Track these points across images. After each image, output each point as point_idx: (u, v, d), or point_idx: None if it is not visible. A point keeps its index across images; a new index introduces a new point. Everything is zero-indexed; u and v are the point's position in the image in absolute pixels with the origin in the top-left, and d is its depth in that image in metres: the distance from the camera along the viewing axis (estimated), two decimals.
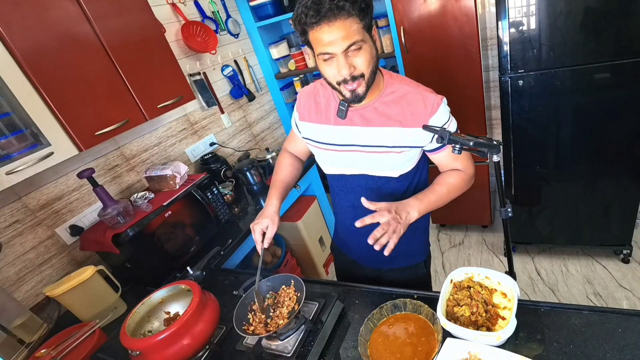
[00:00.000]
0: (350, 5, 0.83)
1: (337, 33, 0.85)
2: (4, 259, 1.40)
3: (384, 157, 1.04)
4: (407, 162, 1.05)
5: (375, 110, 1.02)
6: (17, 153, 1.15)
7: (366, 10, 0.87)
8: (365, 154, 1.06)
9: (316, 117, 1.12)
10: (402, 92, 1.01)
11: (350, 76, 0.91)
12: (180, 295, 1.13)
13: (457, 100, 2.20)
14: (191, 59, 2.16)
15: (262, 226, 1.13)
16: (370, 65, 0.92)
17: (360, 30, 0.87)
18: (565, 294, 2.10)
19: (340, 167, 1.13)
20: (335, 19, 0.83)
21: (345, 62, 0.89)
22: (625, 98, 1.69)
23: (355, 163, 1.09)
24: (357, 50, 0.88)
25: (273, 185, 1.25)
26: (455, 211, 2.70)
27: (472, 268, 0.99)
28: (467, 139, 0.86)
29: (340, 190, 1.18)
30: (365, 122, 1.03)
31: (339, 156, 1.10)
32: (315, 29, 0.86)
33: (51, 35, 1.22)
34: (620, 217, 2.01)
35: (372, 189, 1.10)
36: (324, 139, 1.11)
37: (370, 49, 0.91)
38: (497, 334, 0.81)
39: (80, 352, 1.13)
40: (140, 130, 1.89)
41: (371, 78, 0.94)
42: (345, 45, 0.86)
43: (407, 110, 0.99)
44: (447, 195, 1.07)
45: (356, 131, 1.04)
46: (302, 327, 0.98)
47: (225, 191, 2.03)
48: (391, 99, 1.01)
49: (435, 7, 1.97)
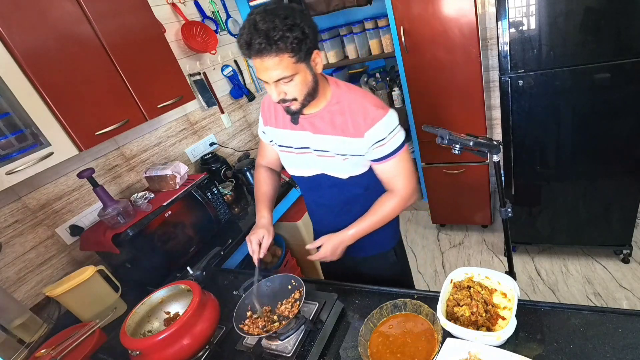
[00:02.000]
0: (281, 45, 0.87)
1: (267, 67, 0.90)
2: (4, 259, 1.40)
3: (332, 161, 1.11)
4: (353, 167, 1.11)
5: (322, 119, 1.08)
6: (17, 153, 1.15)
7: (300, 45, 0.89)
8: (318, 157, 1.13)
9: (276, 122, 1.19)
10: (346, 102, 1.05)
11: (282, 100, 0.99)
12: (180, 295, 1.13)
13: (457, 100, 2.20)
14: (191, 59, 2.16)
15: (259, 237, 1.19)
16: (303, 91, 0.98)
17: (290, 65, 0.91)
18: (565, 294, 2.10)
19: (299, 168, 1.21)
20: (264, 56, 0.88)
21: (276, 89, 0.96)
22: (625, 98, 1.69)
23: (311, 164, 1.17)
24: (288, 81, 0.94)
25: (258, 200, 1.31)
26: (455, 211, 2.70)
27: (472, 268, 0.99)
28: (467, 139, 0.86)
29: (306, 189, 1.28)
30: (314, 129, 1.10)
31: (297, 158, 1.18)
32: (252, 58, 0.91)
33: (51, 35, 1.22)
34: (620, 217, 2.01)
35: (331, 186, 1.18)
36: (284, 142, 1.19)
37: (304, 77, 0.96)
38: (497, 334, 0.81)
39: (80, 352, 1.13)
40: (140, 130, 1.89)
41: (306, 99, 1.00)
42: (275, 78, 0.92)
43: (349, 120, 1.04)
44: (381, 221, 1.16)
45: (307, 136, 1.12)
46: (302, 327, 0.98)
47: (225, 191, 2.03)
48: (337, 108, 1.06)
49: (435, 7, 1.97)
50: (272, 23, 0.85)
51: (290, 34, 0.86)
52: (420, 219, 3.08)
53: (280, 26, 0.85)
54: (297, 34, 0.87)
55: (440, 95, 2.24)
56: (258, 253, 1.17)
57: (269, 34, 0.85)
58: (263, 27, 0.85)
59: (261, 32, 0.85)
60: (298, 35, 0.88)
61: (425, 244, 2.80)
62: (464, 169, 2.43)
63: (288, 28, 0.86)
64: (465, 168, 2.43)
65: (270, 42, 0.85)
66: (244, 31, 0.88)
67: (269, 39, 0.85)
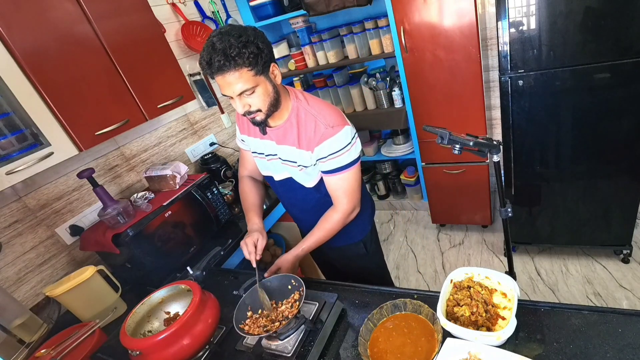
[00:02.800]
0: (238, 61, 0.95)
1: (229, 82, 0.99)
2: (4, 259, 1.40)
3: (294, 170, 1.23)
4: (311, 176, 1.22)
5: (283, 131, 1.18)
6: (17, 153, 1.15)
7: (256, 59, 0.98)
8: (282, 164, 1.25)
9: (248, 131, 1.31)
10: (303, 116, 1.14)
11: (247, 112, 1.07)
12: (180, 295, 1.13)
13: (457, 100, 2.20)
14: (191, 59, 2.16)
15: (254, 239, 1.26)
16: (265, 102, 1.06)
17: (250, 78, 1.00)
18: (565, 294, 2.10)
19: (270, 171, 1.33)
20: (225, 72, 0.97)
21: (240, 102, 1.05)
22: (625, 98, 1.69)
23: (279, 169, 1.28)
24: (250, 94, 1.03)
25: (247, 210, 1.41)
26: (455, 211, 2.70)
27: (472, 268, 0.99)
28: (467, 139, 0.86)
29: (279, 191, 1.40)
30: (277, 140, 1.20)
31: (267, 163, 1.30)
32: (215, 76, 1.00)
33: (51, 36, 1.22)
34: (620, 217, 2.01)
35: (297, 189, 1.29)
36: (257, 149, 1.31)
37: (265, 88, 1.04)
38: (497, 334, 0.81)
39: (80, 352, 1.13)
40: (140, 130, 1.89)
41: (270, 110, 1.09)
42: (238, 91, 1.01)
43: (303, 134, 1.14)
44: (327, 235, 1.28)
45: (273, 145, 1.23)
46: (302, 327, 0.98)
47: (225, 191, 2.03)
48: (294, 122, 1.15)
49: (435, 7, 1.97)
50: (228, 42, 0.94)
51: (245, 50, 0.95)
52: (420, 219, 3.08)
53: (236, 44, 0.94)
54: (252, 49, 0.96)
55: (440, 95, 2.24)
56: (255, 254, 1.22)
57: (226, 51, 0.94)
58: (220, 46, 0.94)
59: (219, 51, 0.94)
60: (253, 50, 0.96)
61: (425, 244, 2.80)
62: (464, 169, 2.43)
63: (243, 45, 0.95)
64: (465, 168, 2.43)
65: (228, 58, 0.94)
66: (203, 53, 0.97)
67: (227, 56, 0.94)
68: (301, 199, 1.34)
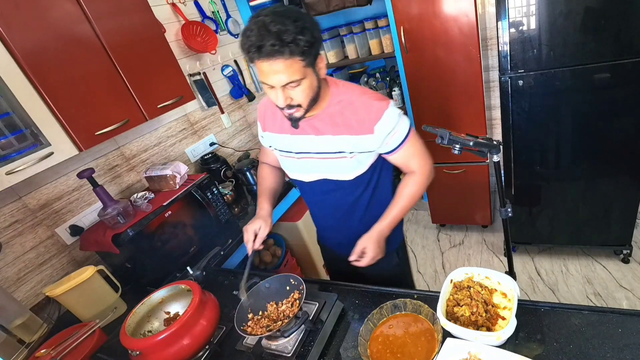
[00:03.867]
0: (293, 48, 0.85)
1: (276, 70, 0.88)
2: (4, 259, 1.40)
3: (337, 162, 1.10)
4: (359, 165, 1.10)
5: (323, 120, 1.06)
6: (17, 153, 1.15)
7: (309, 50, 0.88)
8: (319, 160, 1.12)
9: (274, 127, 1.18)
10: (347, 101, 1.04)
11: (287, 106, 0.96)
12: (180, 295, 1.13)
13: (457, 100, 2.20)
14: (191, 59, 2.16)
15: (255, 227, 1.19)
16: (308, 96, 0.96)
17: (300, 69, 0.89)
18: (565, 294, 2.10)
19: (299, 173, 1.20)
20: (275, 59, 0.86)
21: (283, 94, 0.93)
22: (625, 98, 1.69)
23: (312, 169, 1.15)
24: (295, 86, 0.92)
25: (261, 194, 1.32)
26: (455, 211, 2.70)
27: (472, 268, 0.99)
28: (467, 139, 0.86)
29: (306, 192, 1.26)
30: (316, 131, 1.08)
31: (297, 163, 1.17)
32: (257, 61, 0.88)
33: (51, 35, 1.22)
34: (620, 217, 2.01)
35: (331, 191, 1.17)
36: (283, 147, 1.18)
37: (311, 82, 0.94)
38: (497, 334, 0.81)
39: (80, 352, 1.13)
40: (140, 130, 1.89)
41: (310, 105, 0.99)
42: (283, 82, 0.90)
43: (353, 118, 1.03)
44: (411, 203, 1.16)
45: (309, 139, 1.10)
46: (302, 327, 0.98)
47: (225, 191, 2.03)
48: (338, 108, 1.05)
49: (435, 7, 1.97)
50: (284, 25, 0.83)
51: (302, 37, 0.85)
52: (420, 219, 3.08)
53: (292, 29, 0.83)
54: (307, 37, 0.86)
55: (440, 95, 2.24)
56: (253, 243, 1.18)
57: (281, 36, 0.83)
58: (274, 28, 0.83)
59: (273, 33, 0.82)
60: (309, 38, 0.86)
61: (425, 244, 2.80)
62: (464, 169, 2.43)
63: (299, 31, 0.84)
64: (465, 168, 2.43)
65: (283, 44, 0.83)
66: (251, 33, 0.85)
67: (282, 41, 0.83)
68: (334, 201, 1.20)
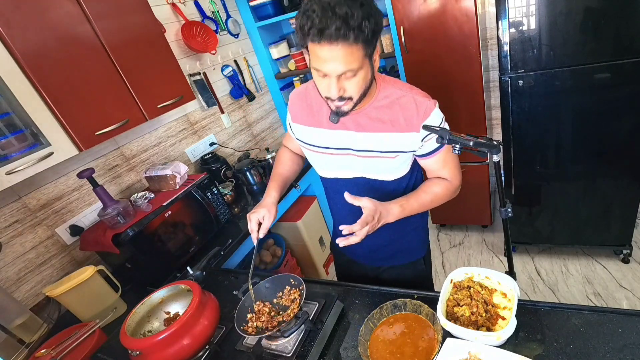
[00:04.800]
0: (358, 33, 0.78)
1: (336, 57, 0.81)
2: (4, 259, 1.40)
3: (379, 162, 1.03)
4: (401, 166, 1.05)
5: (368, 116, 1.00)
6: (17, 153, 1.15)
7: (372, 40, 0.82)
8: (360, 158, 1.04)
9: (308, 120, 1.10)
10: (395, 96, 0.99)
11: (338, 97, 0.89)
12: (180, 295, 1.13)
13: (457, 100, 2.20)
14: (191, 59, 2.16)
15: (259, 216, 1.12)
16: (361, 89, 0.90)
17: (359, 59, 0.83)
18: (565, 294, 2.10)
19: (334, 170, 1.12)
20: (337, 43, 0.79)
21: (337, 84, 0.86)
22: (625, 98, 1.69)
23: (350, 166, 1.08)
24: (351, 76, 0.86)
25: (272, 178, 1.25)
26: (455, 211, 2.70)
27: (472, 268, 0.99)
28: (467, 139, 0.86)
29: (336, 192, 1.15)
30: (358, 127, 1.01)
31: (333, 159, 1.09)
32: (315, 44, 0.81)
33: (51, 36, 1.22)
34: (620, 217, 2.01)
35: (368, 190, 1.09)
36: (317, 142, 1.09)
37: (366, 74, 0.88)
38: (497, 334, 0.81)
39: (80, 352, 1.13)
40: (140, 130, 1.89)
41: (360, 98, 0.92)
42: (341, 70, 0.83)
43: (400, 114, 0.97)
44: (430, 204, 1.06)
45: (350, 136, 1.03)
46: (302, 327, 0.98)
47: (225, 191, 2.03)
48: (384, 103, 0.99)
49: (435, 7, 1.97)
50: (351, 9, 0.76)
51: (368, 23, 0.78)
52: None
53: (360, 13, 0.76)
54: (372, 25, 0.79)
55: (440, 95, 2.20)
56: (257, 232, 1.12)
57: (348, 20, 0.76)
58: (341, 11, 0.75)
59: (339, 16, 0.75)
60: (374, 26, 0.80)
61: None
62: (464, 169, 2.39)
63: (366, 16, 0.77)
64: (465, 168, 2.40)
65: (349, 28, 0.76)
66: (312, 14, 0.77)
67: (348, 25, 0.76)
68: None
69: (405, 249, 1.22)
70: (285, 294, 1.10)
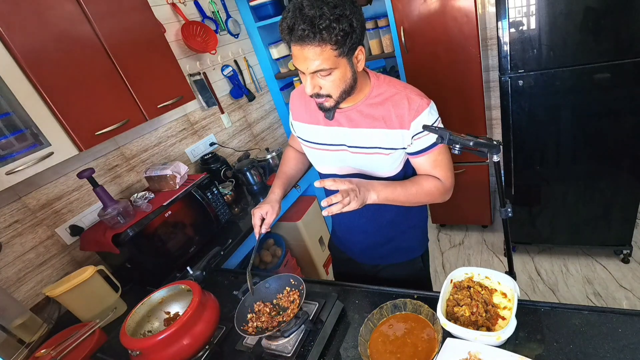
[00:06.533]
0: (326, 34, 0.81)
1: (306, 56, 0.85)
2: (4, 259, 1.40)
3: (372, 158, 1.04)
4: (394, 163, 1.05)
5: (360, 112, 1.01)
6: (17, 153, 1.15)
7: (345, 39, 0.84)
8: (355, 155, 1.06)
9: (306, 117, 1.13)
10: (388, 94, 1.00)
11: (315, 94, 0.93)
12: (180, 295, 1.13)
13: (457, 100, 2.20)
14: (191, 59, 2.16)
15: (262, 211, 1.15)
16: (339, 88, 0.92)
17: (332, 58, 0.85)
18: (565, 294, 2.10)
19: (332, 166, 1.14)
20: (306, 44, 0.83)
21: (312, 82, 0.90)
22: (625, 98, 1.69)
23: (346, 163, 1.09)
24: (326, 75, 0.88)
25: (277, 176, 1.28)
26: (455, 211, 2.70)
27: (472, 268, 0.99)
28: (467, 139, 0.86)
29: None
30: (351, 124, 1.03)
31: (329, 156, 1.11)
32: (292, 44, 0.86)
33: (51, 35, 1.22)
34: (620, 217, 2.01)
35: None
36: (315, 139, 1.12)
37: (343, 73, 0.90)
38: (497, 334, 0.81)
39: (80, 352, 1.13)
40: (140, 130, 1.89)
41: (342, 97, 0.94)
42: (312, 69, 0.87)
43: (392, 111, 0.99)
44: (415, 196, 1.03)
45: (344, 132, 1.05)
46: (302, 327, 0.98)
47: (225, 191, 2.03)
48: (377, 100, 1.00)
49: (435, 7, 1.97)
50: (320, 10, 0.79)
51: (337, 25, 0.80)
52: None
53: (328, 15, 0.79)
54: (344, 26, 0.81)
55: (440, 95, 2.23)
56: (260, 227, 1.15)
57: (314, 21, 0.79)
58: (309, 13, 0.79)
59: (306, 17, 0.79)
60: (345, 27, 0.81)
61: None
62: (464, 169, 2.43)
63: (336, 18, 0.80)
64: (465, 168, 2.43)
65: (315, 30, 0.80)
66: (287, 14, 0.82)
67: (314, 27, 0.79)
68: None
69: (403, 247, 1.23)
70: (285, 295, 1.10)
